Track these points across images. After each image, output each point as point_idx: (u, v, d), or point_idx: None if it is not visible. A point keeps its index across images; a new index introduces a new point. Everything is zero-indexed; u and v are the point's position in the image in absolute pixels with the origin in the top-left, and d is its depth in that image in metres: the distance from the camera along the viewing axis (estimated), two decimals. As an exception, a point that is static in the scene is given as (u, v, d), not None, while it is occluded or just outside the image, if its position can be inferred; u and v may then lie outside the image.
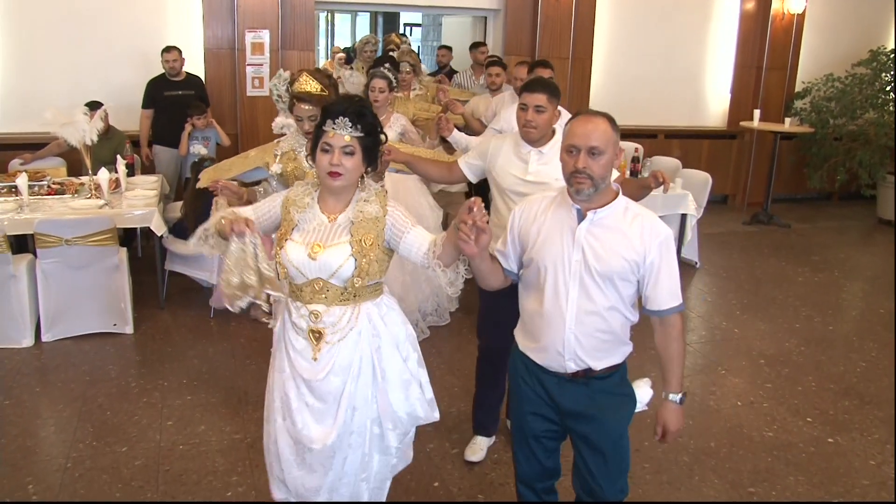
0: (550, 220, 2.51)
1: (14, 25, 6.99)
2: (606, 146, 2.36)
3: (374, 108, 4.74)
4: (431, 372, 4.63)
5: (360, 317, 2.61)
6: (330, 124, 2.45)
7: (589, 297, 2.44)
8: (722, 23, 9.36)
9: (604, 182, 2.39)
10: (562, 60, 8.42)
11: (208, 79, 7.32)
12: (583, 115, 2.43)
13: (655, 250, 2.42)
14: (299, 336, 2.60)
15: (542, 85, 3.36)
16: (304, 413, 2.62)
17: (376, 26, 16.33)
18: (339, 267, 2.50)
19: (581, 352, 2.48)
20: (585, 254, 2.41)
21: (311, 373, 2.59)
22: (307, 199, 2.59)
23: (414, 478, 3.63)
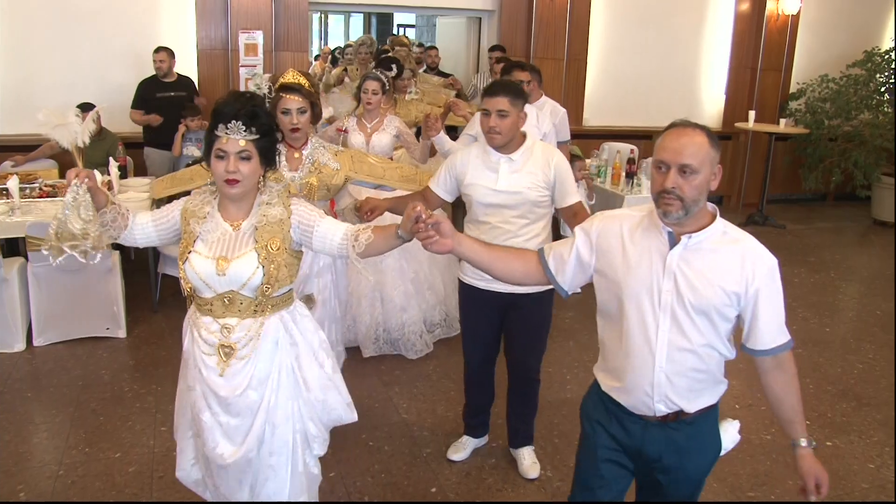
0: (637, 241, 2.22)
1: (7, 26, 6.93)
2: (702, 164, 2.08)
3: (367, 111, 4.67)
4: (427, 376, 4.66)
5: (274, 327, 2.48)
6: (222, 129, 2.29)
7: (682, 332, 2.17)
8: (717, 23, 9.35)
9: (696, 205, 2.11)
10: (556, 61, 8.41)
11: (201, 80, 7.28)
12: (677, 126, 2.15)
13: (760, 280, 2.11)
14: (210, 352, 2.45)
15: (503, 88, 3.21)
16: (215, 432, 2.49)
17: (370, 27, 16.31)
18: (249, 278, 2.38)
19: (672, 393, 2.22)
20: (678, 283, 2.14)
21: (228, 389, 2.45)
22: (207, 208, 2.44)
23: (411, 483, 3.60)
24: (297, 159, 3.43)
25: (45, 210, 5.11)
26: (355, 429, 3.98)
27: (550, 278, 2.37)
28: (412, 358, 4.87)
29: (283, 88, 3.30)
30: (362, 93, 4.73)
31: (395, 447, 3.90)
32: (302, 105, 3.29)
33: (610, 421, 2.35)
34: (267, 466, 2.53)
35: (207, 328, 2.45)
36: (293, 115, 3.29)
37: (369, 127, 4.75)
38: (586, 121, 8.86)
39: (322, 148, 3.49)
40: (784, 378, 2.26)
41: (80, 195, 2.30)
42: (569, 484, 2.67)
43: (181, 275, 2.42)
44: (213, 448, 2.50)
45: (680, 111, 9.26)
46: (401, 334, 4.88)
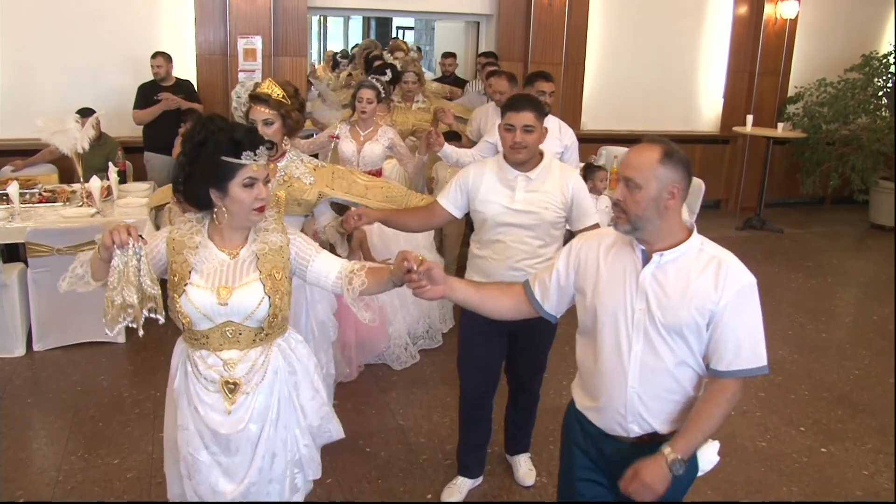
0: (612, 261, 2.21)
1: (5, 31, 6.95)
2: (646, 181, 2.04)
3: (361, 119, 4.61)
4: (424, 382, 4.68)
5: (275, 357, 2.43)
6: (249, 156, 2.24)
7: (654, 352, 2.13)
8: (715, 28, 9.36)
9: (645, 222, 2.08)
10: (554, 66, 8.42)
11: (201, 84, 7.30)
12: (644, 142, 2.14)
13: (729, 297, 2.06)
14: (209, 389, 2.36)
15: (529, 102, 3.14)
16: (214, 471, 2.41)
17: (369, 31, 16.33)
18: (254, 309, 2.32)
19: (646, 413, 2.18)
20: (650, 302, 2.12)
21: (229, 427, 2.37)
22: (197, 237, 2.34)
23: (407, 489, 3.63)
24: (270, 171, 3.22)
25: (45, 215, 5.13)
26: (352, 435, 4.00)
27: (537, 308, 2.39)
28: (397, 369, 4.88)
29: (252, 98, 3.22)
30: (357, 101, 4.65)
31: (391, 453, 3.92)
32: (268, 117, 3.15)
33: (586, 441, 2.33)
34: (265, 493, 2.48)
35: (205, 363, 2.35)
36: (259, 126, 3.14)
37: (362, 135, 4.70)
38: (584, 125, 8.88)
39: (298, 161, 3.31)
40: (714, 394, 2.12)
41: (142, 258, 2.16)
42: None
43: (177, 308, 2.29)
44: (211, 487, 2.41)
45: (678, 115, 9.36)
46: (387, 346, 4.87)
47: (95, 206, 5.30)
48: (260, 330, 2.37)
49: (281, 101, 3.19)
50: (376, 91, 4.67)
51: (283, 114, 3.19)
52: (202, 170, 2.24)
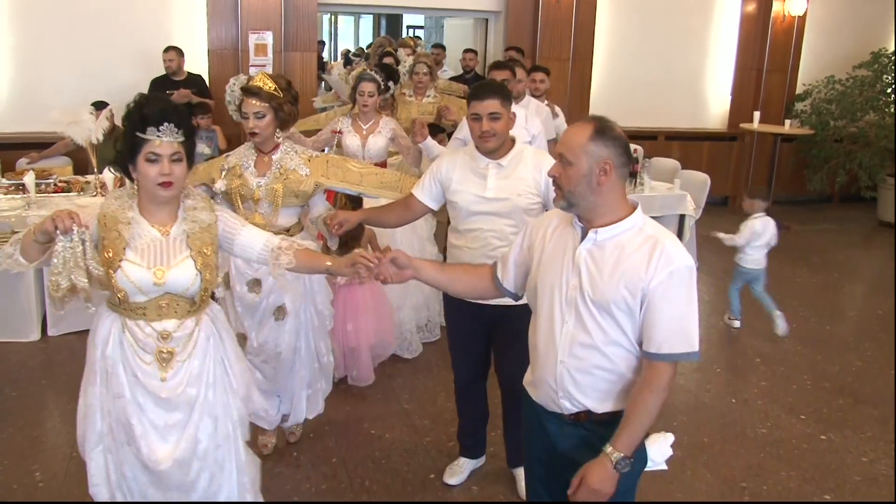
0: (556, 238, 2.24)
1: (21, 26, 7.09)
2: (576, 157, 2.08)
3: (363, 113, 4.61)
4: (429, 368, 4.75)
5: (206, 325, 2.52)
6: (153, 132, 2.28)
7: (584, 328, 2.13)
8: (722, 25, 9.42)
9: (578, 197, 2.10)
10: (562, 62, 8.50)
11: (212, 79, 7.40)
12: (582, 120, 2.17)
13: (661, 279, 2.03)
14: (144, 359, 2.41)
15: (492, 90, 3.07)
16: (149, 436, 2.44)
17: (379, 28, 16.42)
18: (188, 286, 2.40)
19: (575, 390, 2.17)
20: (582, 279, 2.12)
21: (168, 390, 2.43)
22: (129, 213, 2.38)
23: (411, 469, 3.71)
24: (265, 164, 3.32)
25: (60, 205, 5.23)
26: (358, 418, 4.13)
27: (498, 285, 2.44)
28: (408, 358, 4.88)
29: (244, 91, 3.25)
30: (358, 94, 4.61)
31: (395, 435, 4.01)
32: (260, 109, 3.20)
33: (532, 419, 2.33)
34: (214, 461, 2.53)
35: (143, 332, 2.40)
36: (251, 119, 3.22)
37: (364, 129, 4.69)
38: (592, 121, 8.93)
39: (293, 153, 3.35)
40: (645, 382, 2.10)
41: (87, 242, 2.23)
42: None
43: (112, 283, 2.33)
44: (148, 454, 2.43)
45: (685, 112, 9.41)
46: (398, 332, 4.85)
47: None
48: (193, 301, 2.45)
49: (272, 94, 3.22)
50: (377, 84, 4.62)
51: (274, 106, 3.23)
52: (123, 143, 2.35)
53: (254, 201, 3.31)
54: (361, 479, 3.61)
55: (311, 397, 3.72)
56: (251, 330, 3.47)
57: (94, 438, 2.51)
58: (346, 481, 3.59)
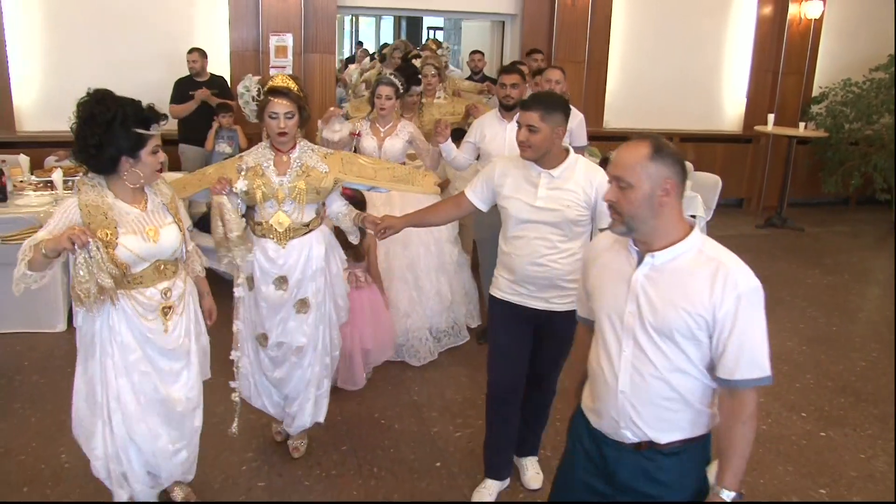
0: (609, 262, 2.17)
1: (52, 28, 7.31)
2: (637, 179, 1.98)
3: (380, 116, 4.69)
4: (440, 362, 4.88)
5: (190, 285, 3.05)
6: (156, 128, 2.77)
7: (646, 356, 2.05)
8: (738, 27, 9.46)
9: (640, 222, 2.00)
10: (578, 64, 8.60)
11: (233, 80, 7.55)
12: (632, 140, 2.06)
13: (730, 305, 1.95)
14: (148, 318, 2.87)
15: (538, 102, 3.07)
16: (164, 380, 2.98)
17: (400, 30, 16.57)
18: (177, 245, 2.91)
19: (639, 420, 2.09)
20: (640, 305, 2.04)
21: (173, 342, 2.95)
22: (108, 199, 2.77)
23: (418, 457, 3.85)
24: (285, 163, 3.39)
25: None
26: (368, 408, 4.27)
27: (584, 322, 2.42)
28: (416, 365, 4.86)
29: (272, 92, 3.31)
30: (375, 98, 4.70)
31: (404, 425, 4.15)
32: (289, 109, 3.28)
33: (591, 442, 2.25)
34: (198, 395, 3.15)
35: (145, 296, 2.85)
36: (280, 118, 3.28)
37: (382, 132, 4.77)
38: (607, 123, 9.04)
39: (310, 151, 3.45)
40: (734, 415, 2.03)
41: (101, 249, 2.66)
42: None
43: (113, 259, 2.71)
44: (168, 394, 2.98)
45: (700, 114, 9.47)
46: (405, 339, 4.87)
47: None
48: (177, 262, 2.98)
49: (298, 95, 3.33)
50: (394, 87, 4.71)
51: (301, 106, 3.34)
52: (116, 140, 2.68)
53: (277, 200, 3.36)
54: (370, 467, 3.76)
55: (318, 399, 3.71)
56: (272, 328, 3.53)
57: (96, 411, 2.94)
58: (356, 468, 3.74)
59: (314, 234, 3.48)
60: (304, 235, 3.44)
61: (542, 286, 3.19)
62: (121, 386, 2.89)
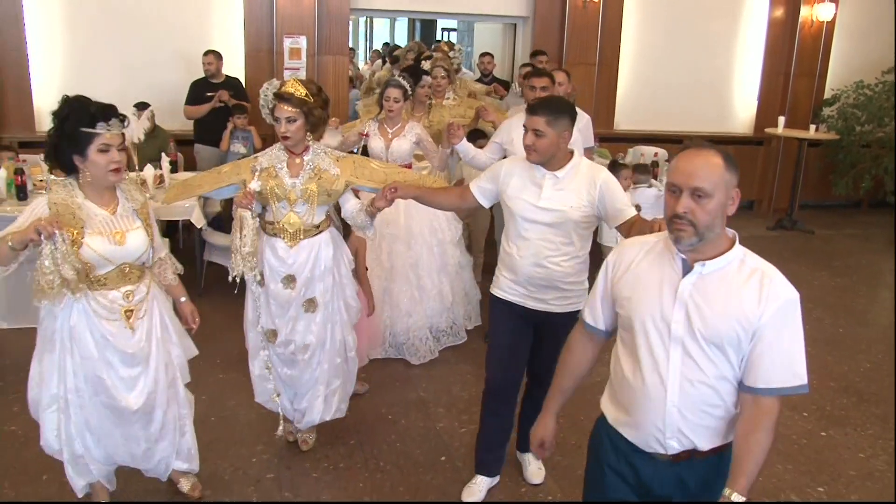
0: (648, 269, 2.15)
1: (71, 31, 7.48)
2: (715, 188, 1.97)
3: (389, 117, 4.77)
4: (446, 360, 4.96)
5: (154, 288, 3.09)
6: (104, 126, 2.76)
7: (695, 364, 2.06)
8: (750, 29, 9.47)
9: (711, 231, 2.01)
10: (588, 66, 8.66)
11: (248, 81, 7.69)
12: (691, 147, 2.05)
13: (772, 314, 1.99)
14: (110, 319, 2.93)
15: (544, 107, 3.11)
16: (118, 387, 3.01)
17: (414, 30, 16.66)
18: (142, 252, 2.97)
19: (686, 429, 2.09)
20: (689, 314, 2.04)
21: (134, 345, 2.99)
22: (77, 199, 2.84)
23: (423, 452, 3.95)
24: (297, 165, 3.47)
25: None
26: (375, 403, 4.37)
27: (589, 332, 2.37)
28: (415, 363, 4.93)
29: (277, 97, 3.39)
30: (384, 100, 4.77)
31: (410, 421, 4.25)
32: (291, 114, 3.35)
33: (619, 460, 2.23)
34: (164, 400, 3.17)
35: (107, 298, 2.91)
36: (283, 123, 3.36)
37: (390, 133, 4.83)
38: (617, 124, 9.10)
39: (323, 154, 3.52)
40: (756, 422, 2.03)
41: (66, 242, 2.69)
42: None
43: (78, 258, 2.76)
44: (121, 401, 3.02)
45: (711, 116, 9.48)
46: (406, 338, 4.97)
47: (149, 193, 5.72)
48: (142, 267, 3.03)
49: (303, 100, 3.36)
50: (403, 90, 4.76)
51: (305, 111, 3.38)
52: (66, 139, 2.76)
53: (289, 201, 3.44)
54: (376, 460, 3.86)
55: (328, 397, 3.77)
56: (281, 326, 3.61)
57: (47, 400, 3.04)
58: (362, 462, 3.84)
59: (324, 234, 3.56)
60: (314, 236, 3.52)
61: (542, 287, 3.23)
62: (78, 383, 3.00)
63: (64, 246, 2.67)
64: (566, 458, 3.89)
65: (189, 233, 6.67)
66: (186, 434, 3.36)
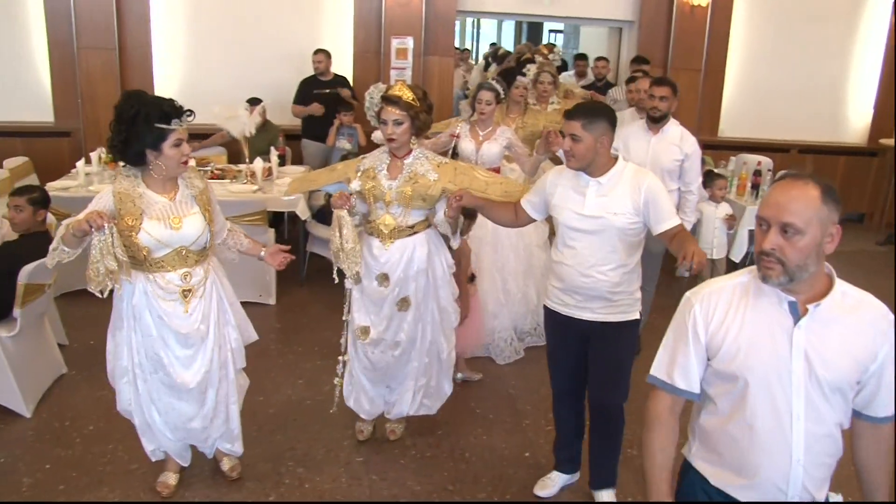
0: (751, 317, 1.96)
1: (193, 30, 7.92)
2: (808, 224, 1.81)
3: (480, 120, 4.82)
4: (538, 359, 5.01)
5: (212, 272, 3.25)
6: (177, 122, 2.98)
7: (818, 416, 1.91)
8: (870, 34, 9.05)
9: (802, 270, 1.85)
10: (694, 72, 8.52)
11: (355, 80, 7.92)
12: (788, 178, 1.89)
13: (884, 344, 1.91)
14: (168, 299, 3.10)
15: (581, 111, 3.08)
16: (175, 365, 3.20)
17: (521, 31, 16.74)
18: (199, 235, 3.12)
19: (810, 484, 1.95)
20: (810, 361, 1.88)
21: (188, 327, 3.15)
22: (139, 189, 3.04)
23: (508, 446, 4.03)
24: (398, 168, 3.53)
25: (215, 190, 5.71)
26: (465, 397, 4.47)
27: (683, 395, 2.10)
28: (500, 363, 5.00)
29: (384, 100, 3.46)
30: (476, 102, 4.80)
31: (498, 416, 4.33)
32: (398, 117, 3.41)
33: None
34: (217, 379, 3.33)
35: (165, 279, 3.10)
36: (389, 125, 3.43)
37: (481, 135, 4.85)
38: (721, 132, 8.91)
39: (424, 158, 3.56)
40: (881, 446, 2.00)
41: (114, 234, 2.86)
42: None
43: (135, 243, 2.99)
44: (177, 378, 3.21)
45: (822, 125, 9.18)
46: (491, 339, 5.03)
47: (257, 184, 6.01)
48: (202, 251, 3.19)
49: (410, 104, 3.43)
50: (495, 93, 4.78)
51: (412, 115, 3.44)
52: (139, 135, 2.94)
53: (385, 203, 3.52)
54: (462, 451, 3.96)
55: (415, 393, 3.85)
56: (375, 323, 3.69)
57: (120, 372, 3.27)
58: (448, 451, 3.95)
59: (418, 235, 3.61)
60: (407, 237, 3.58)
61: (590, 297, 3.19)
62: (141, 359, 3.21)
63: (111, 238, 2.83)
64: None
65: (294, 224, 6.92)
66: (231, 417, 3.49)
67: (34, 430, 3.99)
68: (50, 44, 7.59)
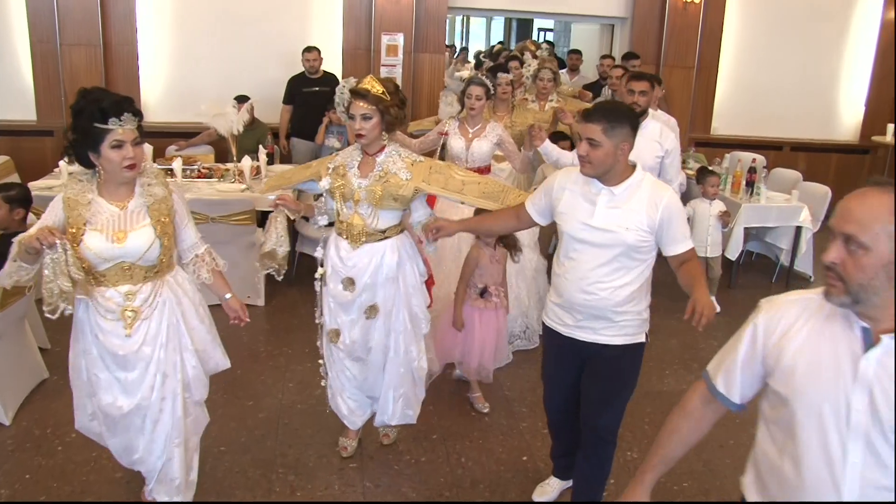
0: (818, 338, 1.73)
1: (178, 29, 7.79)
2: (875, 240, 1.58)
3: (470, 116, 4.69)
4: (535, 360, 4.92)
5: (166, 290, 2.89)
6: (115, 122, 2.64)
7: (880, 463, 1.64)
8: (860, 32, 9.06)
9: (870, 292, 1.61)
10: (686, 69, 8.48)
11: (345, 77, 7.78)
12: (868, 185, 1.66)
13: None
14: (108, 317, 2.80)
15: (601, 114, 2.80)
16: (113, 388, 2.89)
17: (510, 30, 16.66)
18: (144, 251, 2.78)
19: None
20: (874, 399, 1.62)
21: (126, 348, 2.83)
22: (88, 195, 2.77)
23: (505, 450, 3.93)
24: (369, 165, 3.37)
25: (202, 189, 5.76)
26: (461, 400, 4.37)
27: (716, 398, 1.98)
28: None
29: (352, 93, 3.31)
30: (466, 97, 4.68)
31: (494, 419, 4.23)
32: (367, 111, 3.25)
33: None
34: (158, 410, 2.94)
35: (104, 296, 2.79)
36: (357, 120, 3.27)
37: (471, 132, 4.75)
38: (714, 129, 8.87)
39: (397, 156, 3.37)
40: None
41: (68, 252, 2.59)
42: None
43: (77, 255, 2.68)
44: (111, 402, 2.89)
45: (814, 122, 9.16)
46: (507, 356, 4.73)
47: (245, 183, 5.89)
48: (152, 267, 2.84)
49: (380, 97, 3.26)
50: (485, 88, 4.68)
51: (381, 109, 3.27)
52: (81, 135, 2.69)
53: (354, 202, 3.35)
54: (458, 456, 3.86)
55: (395, 401, 3.68)
56: (344, 327, 3.53)
57: (81, 386, 2.98)
58: (444, 456, 3.84)
59: (390, 241, 3.44)
60: (377, 241, 3.41)
61: (591, 316, 2.93)
62: (90, 375, 2.92)
63: (63, 257, 2.57)
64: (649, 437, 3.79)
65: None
66: (173, 460, 3.02)
67: (13, 439, 3.85)
68: (32, 40, 7.44)
